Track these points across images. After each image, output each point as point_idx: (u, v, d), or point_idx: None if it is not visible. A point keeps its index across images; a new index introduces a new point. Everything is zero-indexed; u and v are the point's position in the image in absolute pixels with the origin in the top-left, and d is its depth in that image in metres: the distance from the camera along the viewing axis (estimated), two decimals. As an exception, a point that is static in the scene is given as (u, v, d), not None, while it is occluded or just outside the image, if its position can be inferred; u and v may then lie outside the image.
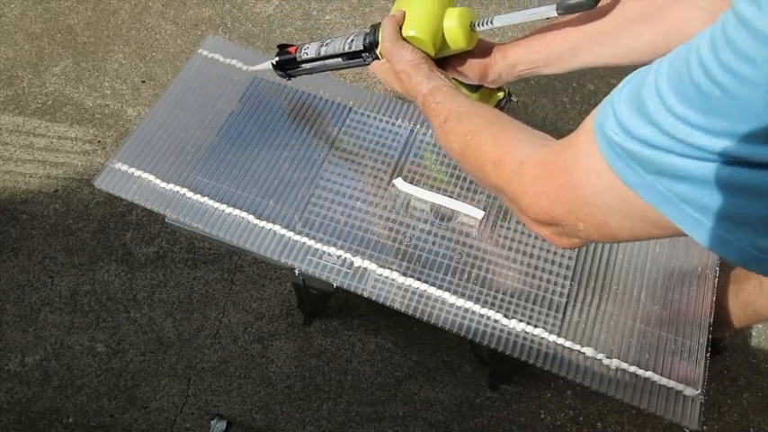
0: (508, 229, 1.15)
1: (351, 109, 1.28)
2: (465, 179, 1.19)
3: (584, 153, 0.50)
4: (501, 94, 1.03)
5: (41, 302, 1.67)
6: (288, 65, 1.14)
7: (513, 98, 1.03)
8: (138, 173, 1.18)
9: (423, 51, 0.90)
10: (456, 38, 0.90)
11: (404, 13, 0.91)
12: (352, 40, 0.99)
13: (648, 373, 1.01)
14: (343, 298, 1.68)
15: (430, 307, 1.07)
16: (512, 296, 1.08)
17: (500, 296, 1.08)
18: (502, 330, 1.05)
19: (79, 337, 1.63)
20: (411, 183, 1.18)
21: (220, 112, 1.27)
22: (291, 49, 1.12)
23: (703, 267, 1.13)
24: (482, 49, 0.96)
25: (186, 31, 2.18)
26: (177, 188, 1.17)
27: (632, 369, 1.02)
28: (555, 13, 0.81)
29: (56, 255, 1.74)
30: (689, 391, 1.00)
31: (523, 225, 1.14)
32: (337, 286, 1.12)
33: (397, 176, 1.19)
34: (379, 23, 0.95)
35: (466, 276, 1.09)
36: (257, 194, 1.17)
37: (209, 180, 1.18)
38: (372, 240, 1.13)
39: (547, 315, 1.06)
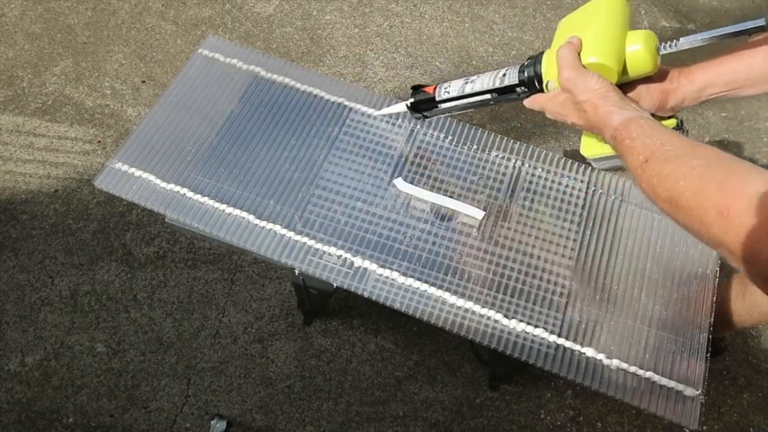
0: (508, 229, 1.15)
1: (351, 109, 1.28)
2: (465, 179, 1.19)
3: None
4: (674, 122, 0.92)
5: (41, 302, 1.67)
6: (425, 105, 1.10)
7: (686, 126, 0.93)
8: (138, 173, 1.18)
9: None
10: (643, 62, 0.84)
11: (580, 39, 0.85)
12: (504, 75, 0.95)
13: (649, 374, 1.01)
14: (343, 298, 1.68)
15: (430, 307, 1.07)
16: (512, 296, 1.08)
17: (500, 296, 1.08)
18: (502, 330, 1.05)
19: (79, 337, 1.62)
20: (411, 183, 1.18)
21: (221, 111, 1.27)
22: (429, 89, 1.08)
23: (704, 268, 1.13)
24: (659, 74, 0.89)
25: (186, 31, 2.18)
26: (177, 188, 1.17)
27: (632, 369, 1.02)
28: (762, 22, 0.76)
29: (56, 255, 1.74)
30: (689, 392, 1.00)
31: (524, 225, 1.14)
32: (337, 286, 1.12)
33: (398, 176, 1.19)
34: (539, 54, 0.90)
35: (466, 276, 1.10)
36: (257, 194, 1.17)
37: (210, 180, 1.18)
38: (373, 240, 1.13)
39: (547, 315, 1.06)
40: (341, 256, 1.11)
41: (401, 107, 1.15)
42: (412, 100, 1.12)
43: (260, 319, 1.65)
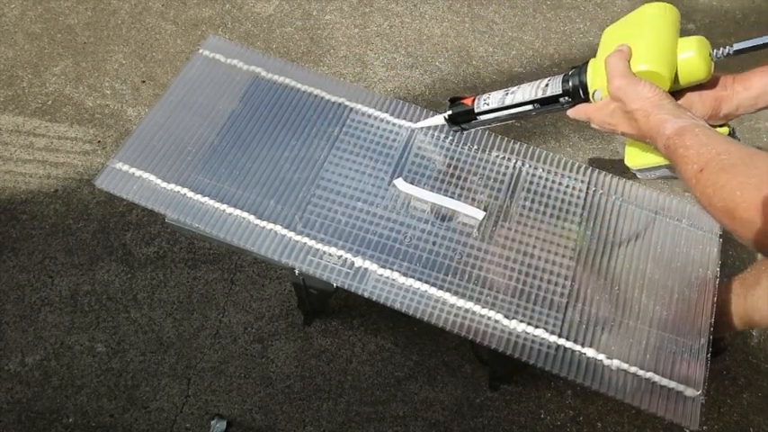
0: (509, 229, 1.15)
1: (351, 109, 1.28)
2: (465, 179, 1.20)
3: None
4: (726, 130, 0.89)
5: (41, 302, 1.67)
6: (463, 117, 1.09)
7: (737, 135, 0.90)
8: (138, 173, 1.18)
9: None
10: (696, 69, 0.82)
11: (629, 47, 0.84)
12: (546, 85, 0.94)
13: (649, 374, 1.02)
14: (344, 298, 1.68)
15: (431, 307, 1.07)
16: (512, 296, 1.08)
17: (501, 296, 1.08)
18: (503, 331, 1.05)
19: (79, 337, 1.62)
20: (411, 183, 1.18)
21: (221, 112, 1.27)
22: (467, 101, 1.08)
23: (704, 269, 1.13)
24: (711, 81, 0.87)
25: (186, 31, 2.18)
26: (178, 188, 1.17)
27: (633, 370, 1.02)
28: None
29: (56, 255, 1.74)
30: (689, 392, 1.00)
31: (525, 225, 1.14)
32: (337, 286, 1.12)
33: (398, 176, 1.19)
34: (583, 64, 0.89)
35: (467, 277, 1.10)
36: (258, 194, 1.17)
37: (210, 180, 1.18)
38: (373, 241, 1.13)
39: (548, 316, 1.07)
40: (341, 256, 1.11)
41: (438, 120, 1.14)
42: (449, 112, 1.11)
43: (260, 319, 1.65)
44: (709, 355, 1.03)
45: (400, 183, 1.18)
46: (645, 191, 1.20)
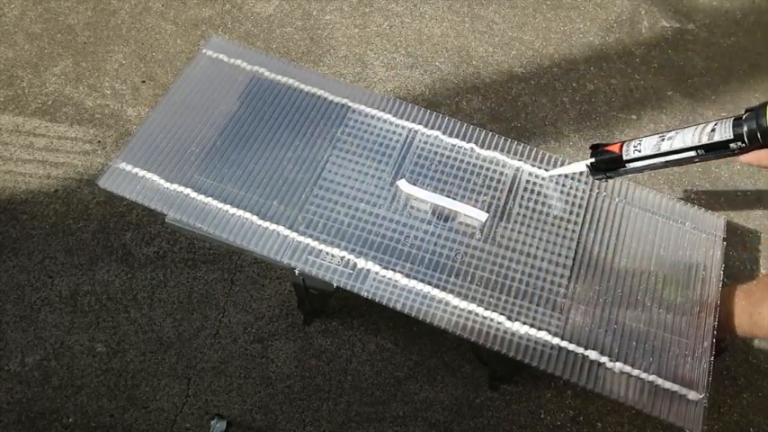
0: (512, 230, 1.15)
1: (354, 110, 1.28)
2: (469, 180, 1.20)
3: None
4: None
5: (41, 302, 1.67)
6: (609, 165, 1.04)
7: None
8: (142, 173, 1.18)
9: None
10: None
11: None
12: (712, 130, 0.88)
13: (652, 377, 1.02)
14: (344, 298, 1.68)
15: (433, 308, 1.07)
16: (515, 298, 1.08)
17: (503, 298, 1.08)
18: (505, 333, 1.05)
19: (79, 337, 1.62)
20: (414, 184, 1.18)
21: (224, 112, 1.27)
22: (613, 148, 1.02)
23: (707, 272, 1.13)
24: None
25: (186, 31, 2.18)
26: (181, 188, 1.17)
27: (636, 372, 1.02)
28: None
29: (56, 255, 1.74)
30: (692, 395, 1.00)
31: (526, 226, 1.14)
32: (337, 286, 1.12)
33: (398, 176, 1.19)
34: (760, 106, 0.84)
35: (469, 278, 1.10)
36: (260, 195, 1.17)
37: (213, 180, 1.18)
38: (376, 242, 1.13)
39: (550, 317, 1.07)
40: (344, 257, 1.11)
41: (579, 167, 1.09)
42: (592, 160, 1.05)
43: (260, 319, 1.65)
44: (712, 358, 1.04)
45: (403, 184, 1.18)
46: (648, 193, 1.20)
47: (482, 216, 1.14)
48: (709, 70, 2.12)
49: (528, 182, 1.20)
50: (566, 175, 1.18)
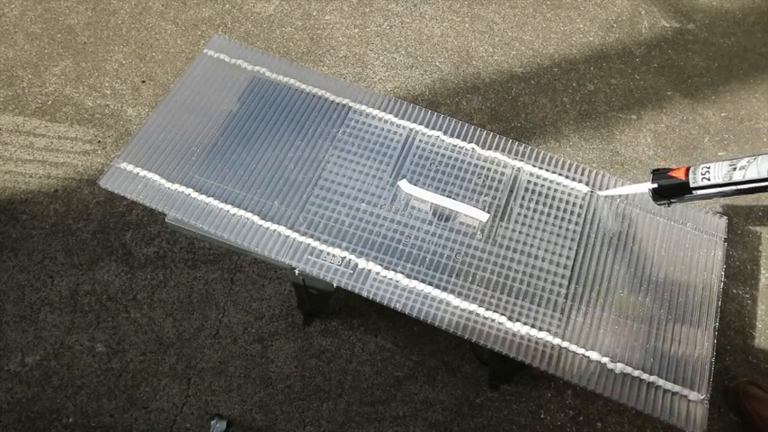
0: (513, 230, 1.15)
1: (355, 110, 1.28)
2: (469, 180, 1.19)
3: None
4: None
5: (41, 302, 1.67)
6: (673, 191, 1.00)
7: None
8: (143, 173, 1.18)
9: None
10: None
11: None
12: None
13: (653, 378, 1.01)
14: (343, 298, 1.68)
15: (434, 309, 1.07)
16: (516, 298, 1.08)
17: (504, 298, 1.08)
18: (506, 333, 1.05)
19: (79, 337, 1.62)
20: (414, 184, 1.18)
21: (225, 112, 1.27)
22: (677, 174, 0.98)
23: (709, 272, 1.13)
24: None
25: (186, 31, 2.18)
26: (182, 188, 1.17)
27: (637, 373, 1.02)
28: None
29: (56, 255, 1.74)
30: (694, 396, 1.00)
31: (527, 227, 1.14)
32: (337, 286, 1.12)
33: (399, 176, 1.19)
34: None
35: (470, 278, 1.10)
36: (261, 195, 1.17)
37: (214, 180, 1.18)
38: (377, 242, 1.13)
39: (551, 317, 1.07)
40: (345, 257, 1.11)
41: (640, 188, 1.05)
42: (655, 185, 1.01)
43: (260, 319, 1.65)
44: (713, 358, 1.04)
45: (405, 184, 1.17)
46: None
47: (483, 216, 1.14)
48: (709, 70, 2.12)
49: (528, 182, 1.20)
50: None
